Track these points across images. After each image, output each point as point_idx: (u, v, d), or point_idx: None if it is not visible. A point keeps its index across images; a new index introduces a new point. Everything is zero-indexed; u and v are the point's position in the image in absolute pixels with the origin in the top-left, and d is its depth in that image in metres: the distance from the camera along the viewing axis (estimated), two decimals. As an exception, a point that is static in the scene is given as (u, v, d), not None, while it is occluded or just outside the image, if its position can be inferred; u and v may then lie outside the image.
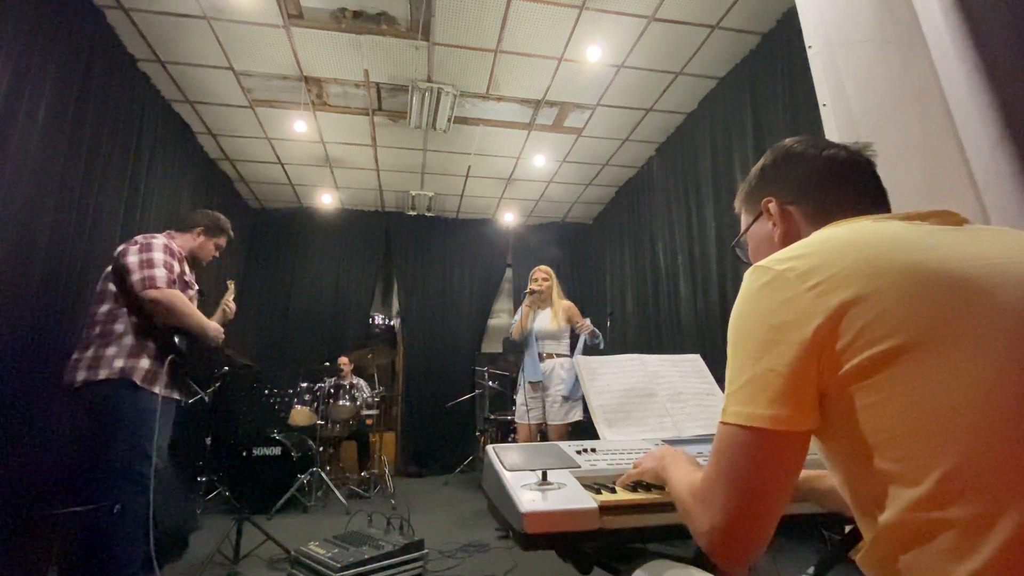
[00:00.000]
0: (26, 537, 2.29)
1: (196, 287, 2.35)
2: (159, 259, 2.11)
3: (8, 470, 2.38)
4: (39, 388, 2.58)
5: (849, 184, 0.77)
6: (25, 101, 2.54)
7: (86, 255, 2.95)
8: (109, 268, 2.15)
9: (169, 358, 2.10)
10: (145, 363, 2.06)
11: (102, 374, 1.98)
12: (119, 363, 2.00)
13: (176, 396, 2.21)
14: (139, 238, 2.18)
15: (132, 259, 2.09)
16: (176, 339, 2.13)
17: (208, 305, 2.43)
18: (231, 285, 2.71)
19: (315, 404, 4.55)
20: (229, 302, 2.59)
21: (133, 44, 3.41)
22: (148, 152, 3.67)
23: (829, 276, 0.58)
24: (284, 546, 2.73)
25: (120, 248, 2.15)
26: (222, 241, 2.50)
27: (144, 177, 3.60)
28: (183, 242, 2.36)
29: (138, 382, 2.02)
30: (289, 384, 4.75)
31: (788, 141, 0.84)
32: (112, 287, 2.10)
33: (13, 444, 2.42)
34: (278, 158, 5.06)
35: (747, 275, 0.67)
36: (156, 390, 2.06)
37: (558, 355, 3.41)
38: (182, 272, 2.26)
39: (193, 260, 2.40)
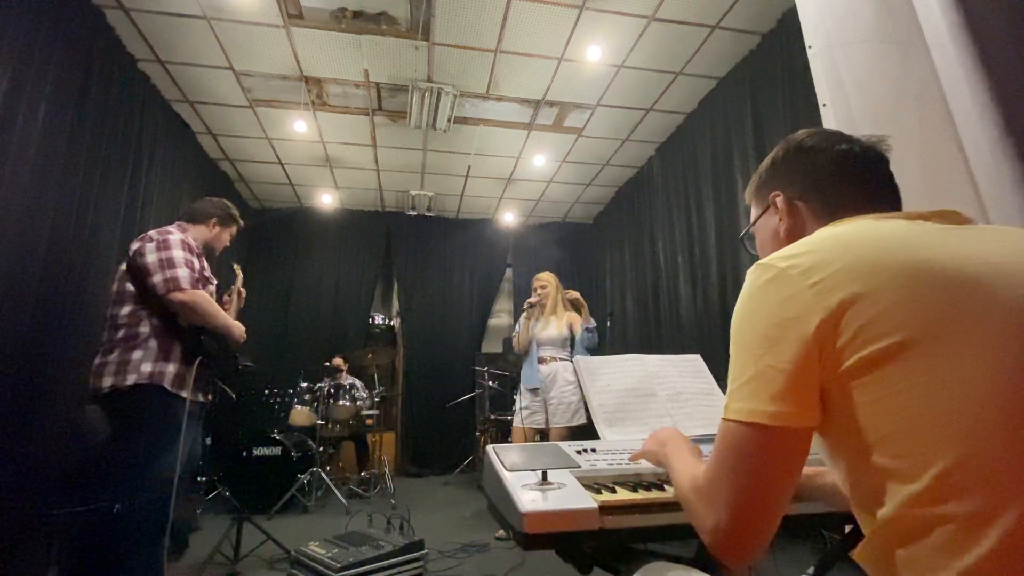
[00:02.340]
0: (26, 537, 2.29)
1: (215, 282, 2.27)
2: (180, 257, 2.03)
3: (8, 470, 2.38)
4: (39, 388, 2.58)
5: (858, 181, 0.76)
6: (25, 101, 2.54)
7: (86, 255, 2.95)
8: (123, 267, 2.07)
9: (198, 360, 2.04)
10: (173, 366, 1.99)
11: (130, 379, 1.91)
12: (147, 367, 1.94)
13: (201, 399, 2.15)
14: (153, 234, 2.08)
15: (151, 258, 1.99)
16: (203, 340, 2.07)
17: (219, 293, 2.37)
18: (239, 270, 2.61)
19: (315, 404, 4.55)
20: (240, 289, 2.50)
21: (133, 44, 3.41)
22: (148, 152, 3.67)
23: (830, 274, 0.59)
24: (284, 546, 2.73)
25: (135, 246, 2.05)
26: (234, 230, 2.42)
27: (144, 177, 3.60)
28: (197, 234, 2.27)
29: (168, 387, 1.96)
30: (289, 384, 4.74)
31: (801, 133, 0.83)
32: (131, 287, 2.02)
33: (13, 444, 2.42)
34: (278, 158, 5.06)
35: (749, 273, 0.67)
36: (184, 394, 2.00)
37: (560, 359, 3.39)
38: (202, 268, 2.18)
39: (208, 252, 2.32)
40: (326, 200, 6.00)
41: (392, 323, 6.77)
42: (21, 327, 2.50)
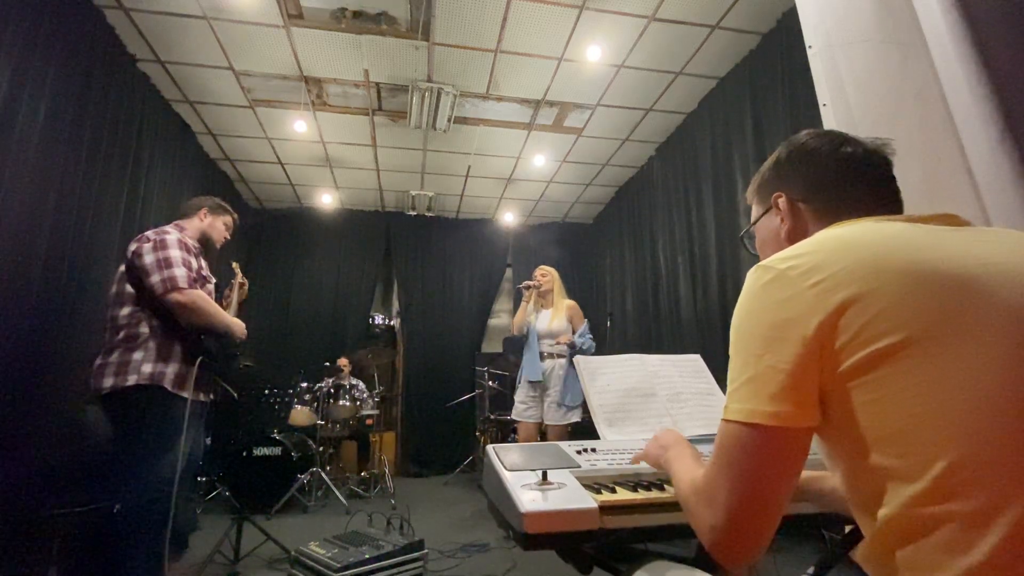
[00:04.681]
0: (26, 537, 2.29)
1: (213, 280, 2.27)
2: (177, 257, 2.03)
3: (8, 470, 2.38)
4: (39, 388, 2.58)
5: (861, 184, 0.76)
6: (25, 101, 2.54)
7: (86, 255, 2.95)
8: (122, 268, 2.07)
9: (199, 360, 2.04)
10: (174, 366, 2.00)
11: (131, 380, 1.91)
12: (148, 368, 1.94)
13: (203, 398, 2.15)
14: (151, 234, 2.07)
15: (148, 259, 1.99)
16: (203, 340, 2.07)
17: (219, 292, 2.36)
18: (237, 268, 2.57)
19: (315, 404, 4.54)
20: (241, 282, 2.48)
21: (133, 44, 3.41)
22: (148, 152, 3.67)
23: (830, 275, 0.59)
24: (284, 546, 2.73)
25: (133, 247, 2.05)
26: (229, 220, 2.40)
27: (144, 177, 3.60)
28: (192, 228, 2.26)
29: (168, 387, 1.96)
30: (289, 384, 4.75)
31: (804, 135, 0.83)
32: (130, 288, 2.02)
33: (13, 444, 2.42)
34: (278, 158, 5.06)
35: (750, 274, 0.67)
36: (185, 394, 2.00)
37: (558, 355, 3.40)
38: (199, 267, 2.18)
39: (207, 244, 2.30)
40: (326, 200, 5.99)
41: (392, 323, 6.77)
42: (21, 327, 2.50)
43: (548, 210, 6.44)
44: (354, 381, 5.02)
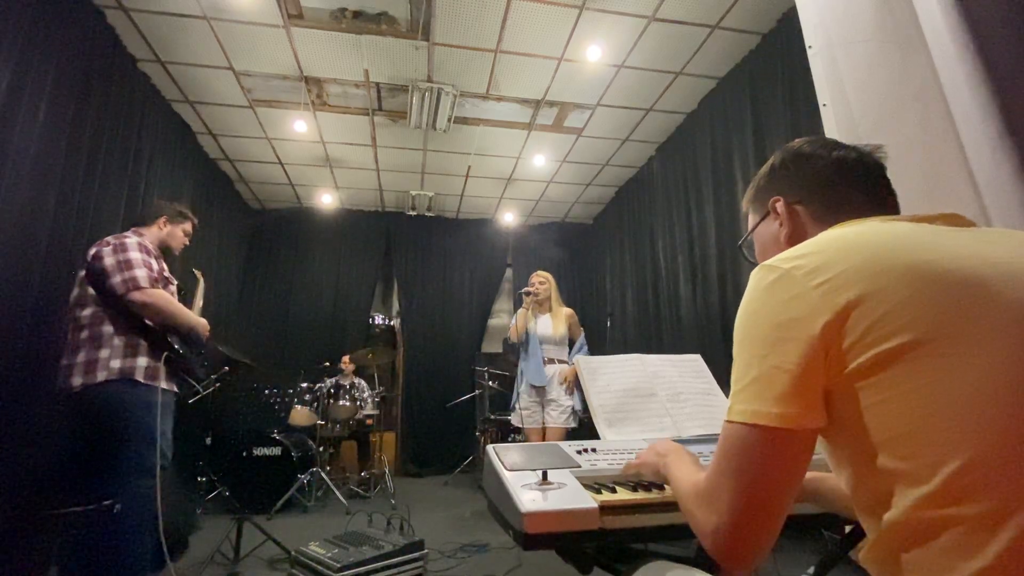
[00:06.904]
0: (26, 537, 2.29)
1: (175, 282, 2.32)
2: (137, 259, 2.07)
3: (8, 470, 2.38)
4: (39, 388, 2.58)
5: (857, 185, 0.76)
6: (25, 101, 2.54)
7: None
8: (83, 272, 2.10)
9: (164, 355, 2.09)
10: (142, 361, 2.04)
11: (100, 376, 1.95)
12: (116, 363, 1.98)
13: (175, 389, 2.20)
14: (110, 239, 2.13)
15: (109, 261, 2.04)
16: (169, 338, 2.12)
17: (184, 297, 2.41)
18: (199, 275, 2.64)
19: (315, 404, 4.54)
20: (199, 295, 2.54)
21: (133, 44, 3.41)
22: (148, 152, 3.67)
23: (836, 275, 0.58)
24: (284, 546, 2.73)
25: (93, 251, 2.09)
26: (188, 227, 2.47)
27: (144, 177, 3.60)
28: (151, 236, 2.32)
29: (140, 379, 2.01)
30: (289, 384, 4.74)
31: (797, 142, 0.83)
32: (91, 291, 2.06)
33: (13, 444, 2.42)
34: (278, 158, 5.06)
35: (754, 274, 0.67)
36: (157, 384, 2.06)
37: (559, 360, 3.41)
38: (161, 269, 2.23)
39: (165, 251, 2.36)
40: (326, 200, 5.99)
41: (392, 323, 6.77)
42: (21, 327, 2.50)
43: (548, 210, 6.44)
44: (356, 380, 5.03)
